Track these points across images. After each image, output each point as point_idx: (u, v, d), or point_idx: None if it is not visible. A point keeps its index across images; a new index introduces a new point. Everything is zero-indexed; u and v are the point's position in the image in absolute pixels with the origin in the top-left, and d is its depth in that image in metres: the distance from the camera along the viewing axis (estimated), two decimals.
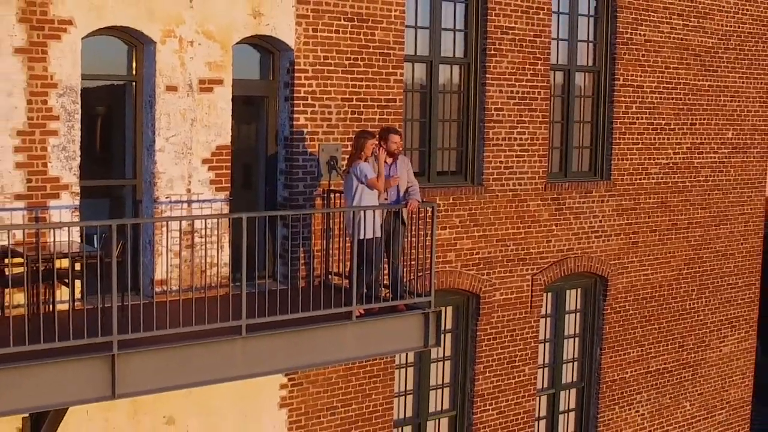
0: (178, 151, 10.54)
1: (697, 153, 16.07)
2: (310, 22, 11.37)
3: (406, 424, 13.29)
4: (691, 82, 15.80)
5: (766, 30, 16.88)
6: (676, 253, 15.93)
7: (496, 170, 13.56)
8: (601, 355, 15.02)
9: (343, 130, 11.87)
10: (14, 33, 9.29)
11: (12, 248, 9.26)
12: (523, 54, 13.66)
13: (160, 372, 8.94)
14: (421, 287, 11.27)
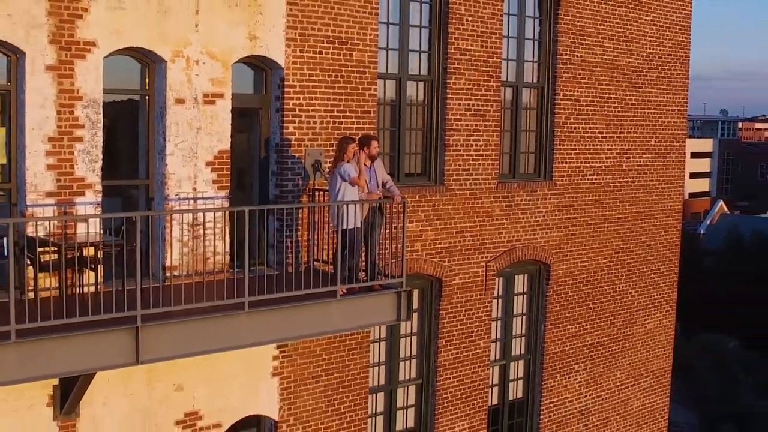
0: (185, 155, 10.73)
1: (626, 158, 16.29)
2: (297, 45, 11.56)
3: (380, 390, 13.48)
4: (620, 97, 16.04)
5: (683, 53, 17.17)
6: (608, 244, 16.16)
7: (455, 172, 13.75)
8: (544, 330, 15.26)
9: (325, 137, 12.04)
10: (46, 53, 9.48)
11: (44, 238, 9.40)
12: (478, 72, 13.87)
13: (176, 341, 9.25)
14: (394, 271, 11.45)
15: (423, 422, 14.06)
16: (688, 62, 17.41)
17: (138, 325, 8.52)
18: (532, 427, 15.59)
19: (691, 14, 17.24)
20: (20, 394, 9.52)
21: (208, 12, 10.59)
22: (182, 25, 10.48)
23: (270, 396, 11.83)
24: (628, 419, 17.01)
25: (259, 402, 11.72)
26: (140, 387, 10.43)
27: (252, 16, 11.01)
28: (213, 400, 11.26)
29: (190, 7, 10.40)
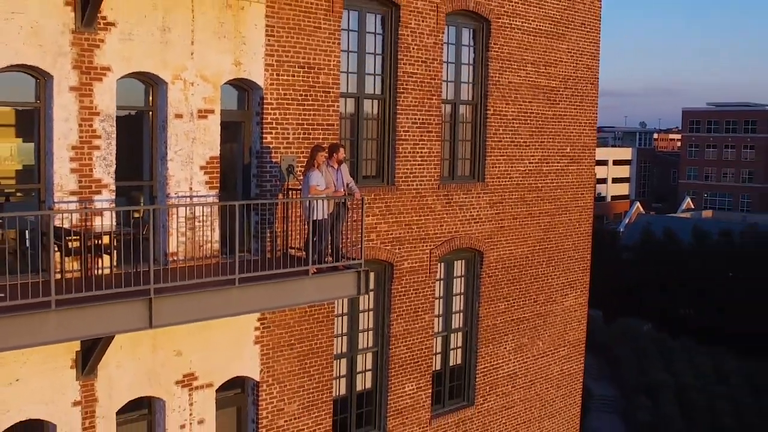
0: (183, 161, 11.15)
1: (545, 163, 16.82)
2: (274, 69, 12.01)
3: (342, 357, 13.90)
4: (540, 113, 16.54)
5: (593, 75, 17.75)
6: (531, 234, 16.70)
7: (404, 174, 14.18)
8: (479, 307, 15.70)
9: (297, 146, 12.48)
10: (70, 76, 9.94)
11: (69, 229, 9.97)
12: (423, 92, 14.26)
13: (181, 310, 9.86)
14: (354, 255, 11.98)
15: (379, 384, 14.42)
16: (597, 83, 17.89)
17: (151, 297, 9.19)
18: (469, 389, 16.00)
19: (599, 44, 17.67)
20: (48, 358, 9.99)
21: (201, 43, 11.01)
22: (180, 53, 10.88)
23: (252, 360, 12.22)
24: (550, 382, 17.56)
25: (243, 365, 12.10)
26: (146, 352, 10.89)
27: (237, 46, 11.41)
28: (206, 363, 11.65)
29: (186, 39, 10.86)
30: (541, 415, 17.56)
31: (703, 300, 49.63)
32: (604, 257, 53.71)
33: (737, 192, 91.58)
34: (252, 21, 11.57)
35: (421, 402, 14.95)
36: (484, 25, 15.15)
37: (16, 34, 9.37)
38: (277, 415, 12.70)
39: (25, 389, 9.93)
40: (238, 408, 12.55)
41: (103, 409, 10.70)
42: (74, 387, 10.41)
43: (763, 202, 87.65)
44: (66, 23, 9.78)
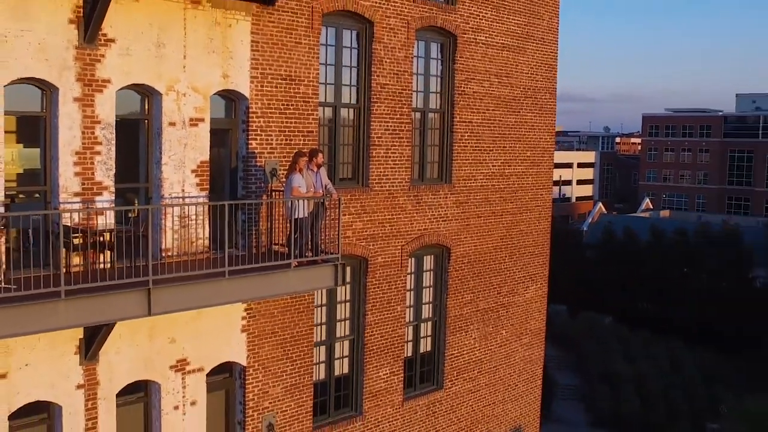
0: (176, 165, 11.46)
1: (508, 166, 17.17)
2: (259, 81, 12.31)
3: (322, 344, 14.17)
4: (503, 120, 16.85)
5: (551, 85, 18.13)
6: (495, 231, 17.00)
7: (378, 177, 14.46)
8: (446, 299, 16.02)
9: (280, 151, 12.76)
10: (74, 88, 10.30)
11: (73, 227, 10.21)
12: (395, 101, 14.55)
13: (177, 299, 10.24)
14: (332, 250, 12.30)
15: (355, 369, 14.69)
16: (555, 93, 18.25)
17: (150, 287, 9.62)
18: (438, 374, 16.33)
19: (557, 56, 18.11)
20: (54, 345, 10.33)
21: (192, 58, 11.37)
22: (174, 67, 11.22)
23: (239, 347, 12.50)
24: (512, 367, 17.95)
25: (231, 352, 12.41)
26: (143, 340, 11.24)
27: (225, 60, 11.76)
28: (197, 350, 11.96)
29: (179, 54, 11.21)
30: (505, 398, 17.88)
31: (659, 295, 49.61)
32: (568, 255, 53.96)
33: (693, 193, 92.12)
34: (238, 37, 11.89)
35: (394, 386, 15.26)
36: (450, 40, 15.49)
37: (26, 49, 9.73)
38: (263, 397, 12.97)
39: (33, 373, 10.24)
40: (227, 391, 12.81)
41: (104, 391, 11.00)
42: (78, 371, 10.69)
43: (717, 202, 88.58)
44: (70, 40, 10.12)
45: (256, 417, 12.96)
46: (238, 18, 11.88)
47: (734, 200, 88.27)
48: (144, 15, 10.81)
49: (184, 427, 11.99)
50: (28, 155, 10.56)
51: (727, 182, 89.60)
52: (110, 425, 11.14)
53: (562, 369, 45.76)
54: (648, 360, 44.18)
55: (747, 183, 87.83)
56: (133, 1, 10.64)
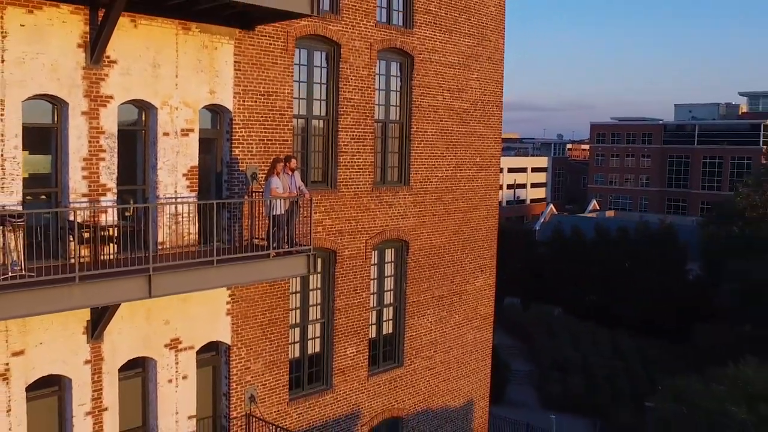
0: (169, 169, 11.98)
1: (459, 170, 17.66)
2: (241, 96, 12.82)
3: (296, 326, 14.60)
4: (455, 130, 17.35)
5: (498, 99, 18.55)
6: (448, 228, 17.52)
7: (344, 180, 14.92)
8: (405, 287, 16.55)
9: (259, 157, 13.24)
10: (81, 103, 10.88)
11: (80, 223, 10.86)
12: (359, 113, 15.03)
13: (173, 284, 10.77)
14: (305, 243, 12.79)
15: (325, 348, 15.17)
16: (501, 105, 18.66)
17: (150, 273, 10.26)
18: (399, 353, 16.86)
19: (503, 73, 18.53)
20: (66, 325, 10.94)
21: (183, 76, 11.94)
22: (168, 85, 11.79)
23: (225, 328, 13.04)
24: (464, 347, 18.51)
25: (217, 332, 12.96)
26: (142, 322, 11.84)
27: (212, 78, 12.35)
28: (188, 330, 12.49)
29: (172, 73, 11.80)
30: (458, 374, 18.46)
31: (604, 288, 49.90)
32: (522, 252, 54.55)
33: (636, 195, 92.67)
34: (223, 59, 12.49)
35: (360, 363, 15.81)
36: (408, 60, 16.03)
37: (40, 70, 10.39)
38: (245, 372, 13.50)
39: (47, 351, 10.84)
40: (214, 367, 13.35)
41: (108, 366, 11.57)
42: (85, 349, 11.26)
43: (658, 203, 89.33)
44: (78, 61, 10.76)
45: (239, 389, 13.47)
46: (223, 42, 12.48)
47: (673, 201, 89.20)
48: (142, 39, 11.41)
49: (177, 398, 12.51)
50: (41, 161, 11.07)
51: (666, 185, 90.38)
52: (113, 396, 11.69)
53: (516, 356, 45.97)
54: (594, 347, 44.54)
55: (684, 186, 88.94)
56: (133, 28, 11.27)
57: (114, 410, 11.81)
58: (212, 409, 13.46)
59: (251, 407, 13.75)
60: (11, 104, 10.23)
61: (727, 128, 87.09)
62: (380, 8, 15.42)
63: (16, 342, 10.60)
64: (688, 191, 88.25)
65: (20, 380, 10.70)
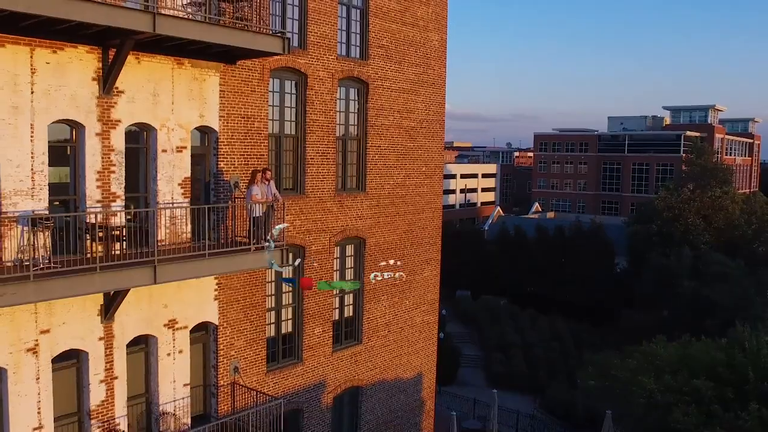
0: (167, 180, 12.91)
1: (408, 178, 18.67)
2: (225, 119, 13.75)
3: (272, 309, 15.42)
4: (404, 144, 18.35)
5: (440, 118, 19.50)
6: (399, 227, 18.47)
7: (312, 187, 15.74)
8: (364, 275, 17.44)
9: (240, 169, 14.13)
10: (96, 126, 11.78)
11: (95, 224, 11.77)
12: (323, 132, 15.88)
13: (173, 272, 11.81)
14: (279, 239, 13.57)
15: (297, 328, 16.07)
16: (444, 123, 19.61)
17: (155, 264, 11.38)
18: (358, 332, 17.76)
19: (445, 96, 19.47)
20: (83, 308, 11.94)
21: (178, 103, 12.93)
22: (165, 110, 12.79)
23: (213, 311, 14.04)
24: (414, 328, 19.51)
25: (207, 314, 13.95)
26: (145, 305, 12.86)
27: (201, 104, 13.35)
28: (182, 313, 13.45)
29: (169, 100, 12.79)
30: (409, 351, 19.45)
31: (543, 279, 51.41)
32: (472, 250, 56.19)
33: (575, 198, 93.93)
34: (210, 88, 13.52)
35: (325, 341, 16.72)
36: (364, 86, 17.00)
37: (63, 99, 11.46)
38: (230, 348, 14.48)
39: (69, 329, 11.87)
40: (204, 343, 14.30)
41: (117, 342, 12.57)
42: (99, 328, 12.26)
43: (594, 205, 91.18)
44: (93, 92, 11.80)
45: (225, 362, 14.45)
46: (210, 74, 13.54)
47: (607, 203, 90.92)
48: (144, 73, 12.50)
49: (174, 369, 13.51)
50: (62, 173, 12.02)
51: (601, 189, 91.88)
52: (122, 367, 12.70)
53: (467, 343, 47.06)
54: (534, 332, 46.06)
55: (616, 189, 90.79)
56: (137, 64, 12.36)
57: (123, 379, 12.78)
58: (203, 379, 14.38)
59: (235, 377, 14.64)
60: (39, 127, 11.30)
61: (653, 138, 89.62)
62: (341, 43, 16.39)
63: (43, 322, 11.63)
64: (620, 194, 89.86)
65: (47, 353, 11.69)
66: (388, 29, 17.58)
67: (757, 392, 22.57)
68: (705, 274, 42.35)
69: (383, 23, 17.42)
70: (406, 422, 19.68)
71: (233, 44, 12.48)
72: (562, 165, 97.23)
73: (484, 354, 45.02)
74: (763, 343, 24.72)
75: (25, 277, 10.18)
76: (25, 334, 11.46)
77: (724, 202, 48.26)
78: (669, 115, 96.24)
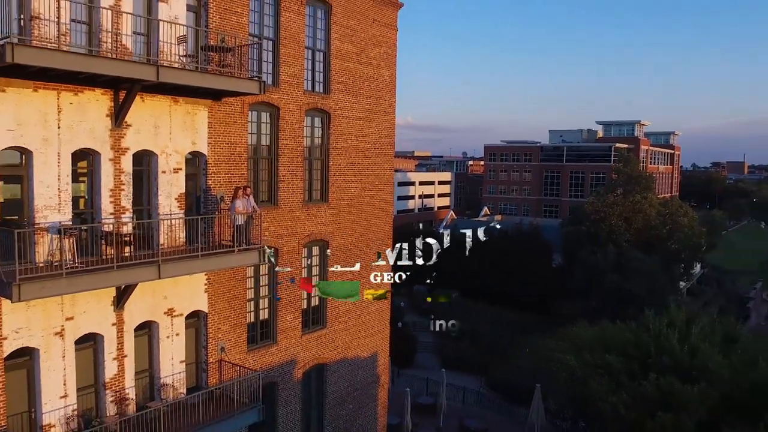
0: (165, 195, 13.93)
1: (364, 191, 19.77)
2: (213, 146, 14.82)
3: (251, 300, 16.31)
4: (360, 163, 19.47)
5: (390, 141, 20.73)
6: (356, 231, 19.53)
7: (283, 199, 16.70)
8: (327, 270, 18.27)
9: (225, 186, 15.14)
10: (109, 153, 13.00)
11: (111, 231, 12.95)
12: (293, 154, 16.88)
13: (173, 269, 13.04)
14: (257, 242, 14.71)
15: (272, 315, 17.07)
16: (393, 145, 20.88)
17: (159, 263, 12.78)
18: (323, 318, 18.81)
19: (394, 123, 20.69)
20: (99, 299, 13.12)
21: (175, 133, 14.02)
22: (164, 139, 13.84)
23: (203, 301, 15.13)
24: (370, 315, 20.67)
25: (198, 304, 15.03)
26: (149, 297, 14.05)
27: (194, 134, 14.42)
28: (179, 303, 14.57)
29: (167, 131, 13.88)
30: (366, 334, 20.57)
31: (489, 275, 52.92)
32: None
33: (520, 202, 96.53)
34: (200, 120, 14.65)
35: (296, 326, 17.81)
36: (327, 116, 18.13)
37: (83, 132, 12.67)
38: (218, 331, 15.65)
39: (88, 316, 13.12)
40: (196, 328, 15.35)
41: (127, 327, 13.71)
42: (112, 315, 13.42)
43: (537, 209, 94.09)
44: (107, 126, 12.95)
45: (213, 343, 15.62)
46: (200, 109, 14.70)
47: (548, 207, 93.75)
48: (147, 109, 13.71)
49: (172, 348, 14.69)
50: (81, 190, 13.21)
51: (543, 194, 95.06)
52: (130, 347, 13.90)
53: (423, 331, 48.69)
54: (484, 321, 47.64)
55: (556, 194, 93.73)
56: (141, 102, 13.59)
57: (131, 357, 13.90)
58: (196, 357, 15.46)
59: (222, 355, 15.78)
60: (64, 155, 12.61)
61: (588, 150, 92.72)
62: (307, 80, 17.66)
63: (68, 311, 12.85)
64: (560, 199, 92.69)
65: (71, 336, 12.88)
66: (346, 68, 18.91)
67: (656, 365, 24.95)
68: (626, 269, 44.86)
69: (342, 63, 18.74)
70: (364, 394, 20.89)
71: (219, 88, 14.10)
72: (509, 173, 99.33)
73: (437, 340, 46.34)
74: (664, 326, 27.29)
75: (58, 274, 11.66)
76: (53, 321, 12.63)
77: (642, 206, 51.11)
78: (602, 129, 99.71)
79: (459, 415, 32.67)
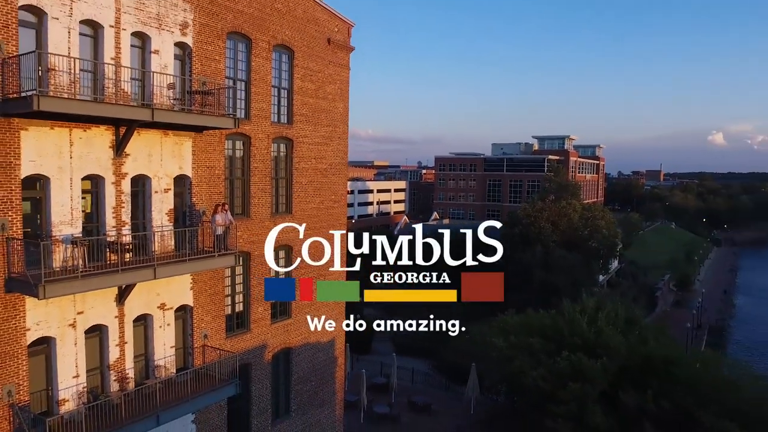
0: (158, 211, 15.03)
1: (322, 204, 20.86)
2: (196, 170, 16.00)
3: (229, 295, 17.41)
4: (319, 180, 20.51)
5: (344, 161, 21.73)
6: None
7: (255, 212, 17.81)
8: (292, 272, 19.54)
9: (207, 203, 16.22)
10: (111, 178, 14.15)
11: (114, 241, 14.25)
12: (263, 174, 17.98)
13: (167, 270, 14.35)
14: (233, 248, 16.07)
15: (245, 308, 18.14)
16: (347, 165, 21.94)
17: (155, 266, 14.18)
18: (289, 310, 19.93)
19: (347, 147, 21.73)
20: (105, 296, 14.30)
21: (165, 160, 15.17)
22: (156, 165, 14.98)
23: (189, 297, 16.24)
24: (329, 306, 21.51)
25: (185, 299, 16.17)
26: (145, 294, 15.16)
27: (180, 160, 15.58)
28: (170, 298, 15.70)
29: (158, 158, 15.06)
30: None
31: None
32: None
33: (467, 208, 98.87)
34: (186, 149, 15.82)
35: (266, 316, 18.92)
36: (290, 142, 19.26)
37: (90, 161, 13.86)
38: (201, 322, 16.88)
39: (95, 311, 14.27)
40: (184, 319, 16.43)
41: (127, 319, 14.78)
42: (115, 309, 14.49)
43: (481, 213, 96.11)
44: (110, 156, 14.06)
45: (198, 332, 16.85)
46: (186, 140, 15.89)
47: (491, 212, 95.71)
48: (143, 141, 14.90)
49: (164, 336, 15.84)
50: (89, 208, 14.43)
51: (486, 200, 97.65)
52: (130, 335, 14.99)
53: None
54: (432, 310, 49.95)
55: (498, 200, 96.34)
56: (138, 136, 14.86)
57: (131, 344, 14.97)
58: (183, 343, 16.63)
59: (205, 341, 17.04)
60: (75, 180, 13.79)
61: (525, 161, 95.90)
62: (274, 113, 18.90)
63: (79, 306, 14.00)
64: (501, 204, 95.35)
65: (81, 327, 14.00)
66: (306, 102, 20.11)
67: (569, 345, 27.74)
68: (552, 266, 47.82)
69: (303, 98, 19.94)
70: (324, 373, 22.36)
71: (202, 124, 15.87)
72: (457, 181, 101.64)
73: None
74: (577, 312, 30.16)
75: (74, 276, 13.22)
76: (67, 315, 13.74)
77: (567, 211, 54.34)
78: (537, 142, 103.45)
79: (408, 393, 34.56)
